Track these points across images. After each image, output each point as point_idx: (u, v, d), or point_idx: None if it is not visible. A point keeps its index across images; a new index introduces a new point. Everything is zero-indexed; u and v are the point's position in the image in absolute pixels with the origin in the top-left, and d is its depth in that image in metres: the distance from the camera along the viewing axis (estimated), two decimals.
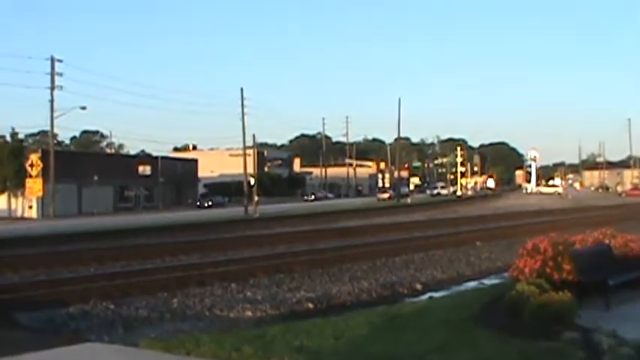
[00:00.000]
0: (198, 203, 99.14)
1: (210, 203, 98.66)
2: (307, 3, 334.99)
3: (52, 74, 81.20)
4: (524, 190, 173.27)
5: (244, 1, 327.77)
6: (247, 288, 21.87)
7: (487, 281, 25.05)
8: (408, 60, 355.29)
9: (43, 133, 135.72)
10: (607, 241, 18.00)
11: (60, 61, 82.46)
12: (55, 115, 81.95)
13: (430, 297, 21.21)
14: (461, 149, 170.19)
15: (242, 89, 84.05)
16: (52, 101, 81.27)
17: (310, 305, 19.75)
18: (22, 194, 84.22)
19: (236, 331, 14.15)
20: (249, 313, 18.48)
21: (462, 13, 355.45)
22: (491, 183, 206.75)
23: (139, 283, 21.30)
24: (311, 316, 17.77)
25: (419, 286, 23.72)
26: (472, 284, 24.66)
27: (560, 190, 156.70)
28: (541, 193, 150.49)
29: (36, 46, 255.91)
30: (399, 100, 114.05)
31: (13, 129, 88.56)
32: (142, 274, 23.58)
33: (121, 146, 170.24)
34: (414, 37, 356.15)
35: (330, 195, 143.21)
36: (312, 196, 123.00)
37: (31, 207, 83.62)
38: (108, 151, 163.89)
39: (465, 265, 28.89)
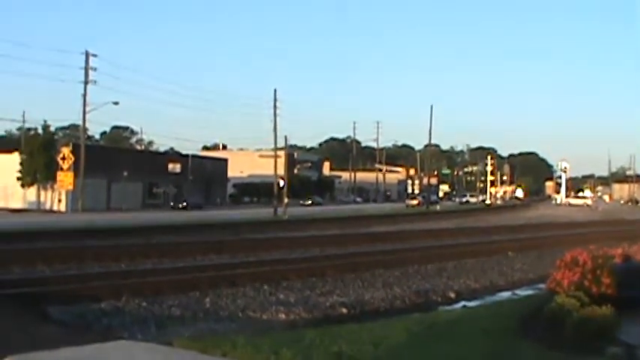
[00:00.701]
0: (172, 203, 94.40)
1: (185, 204, 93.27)
2: (342, 6, 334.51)
3: (86, 68, 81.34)
4: (553, 201, 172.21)
5: (278, 2, 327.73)
6: (280, 290, 21.64)
7: (520, 292, 24.76)
8: (441, 67, 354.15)
9: (73, 126, 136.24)
10: None
11: (94, 55, 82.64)
12: (87, 109, 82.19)
13: (464, 306, 20.97)
14: (491, 158, 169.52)
15: (275, 90, 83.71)
16: (84, 95, 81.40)
17: (344, 310, 19.53)
18: (52, 187, 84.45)
19: (272, 334, 13.97)
20: (283, 316, 18.28)
21: (494, 22, 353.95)
22: (519, 193, 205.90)
23: (170, 281, 21.12)
24: (345, 321, 17.49)
25: (452, 295, 23.47)
26: (505, 294, 24.44)
27: (589, 202, 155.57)
28: (570, 205, 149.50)
29: (71, 40, 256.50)
30: (431, 107, 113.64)
31: (45, 121, 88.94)
32: (174, 272, 23.40)
33: (150, 143, 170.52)
34: (447, 45, 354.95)
35: (358, 199, 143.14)
36: (309, 201, 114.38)
37: (60, 200, 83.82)
38: (137, 147, 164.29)
39: (498, 275, 28.58)
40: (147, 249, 31.53)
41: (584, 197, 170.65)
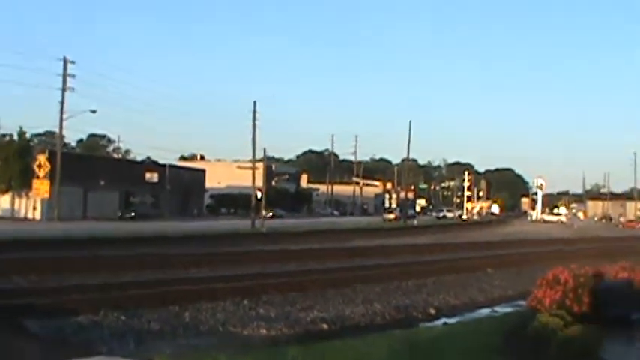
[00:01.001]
0: (120, 214, 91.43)
1: (133, 214, 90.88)
2: (321, 19, 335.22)
3: (64, 75, 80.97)
4: (528, 218, 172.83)
5: (257, 14, 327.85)
6: (260, 305, 21.45)
7: (500, 309, 24.72)
8: (420, 81, 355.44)
9: (49, 133, 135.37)
10: (627, 275, 17.72)
11: (72, 62, 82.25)
12: (64, 117, 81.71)
13: (445, 323, 20.88)
14: (468, 174, 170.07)
15: (254, 102, 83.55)
16: (62, 102, 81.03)
17: (325, 326, 19.39)
18: (27, 195, 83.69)
19: (254, 351, 13.84)
20: (264, 331, 18.12)
21: (473, 39, 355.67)
22: (495, 209, 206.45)
23: (150, 295, 20.89)
24: (326, 336, 17.41)
25: (432, 311, 23.38)
26: (485, 311, 24.42)
27: (563, 219, 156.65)
28: (544, 222, 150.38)
29: (47, 46, 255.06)
30: (410, 122, 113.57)
31: (20, 128, 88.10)
32: (153, 285, 23.18)
33: (127, 152, 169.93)
34: (426, 60, 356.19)
35: (335, 213, 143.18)
36: (270, 214, 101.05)
37: (35, 208, 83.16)
38: (114, 156, 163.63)
39: (477, 292, 28.51)
40: (126, 260, 31.30)
41: (558, 214, 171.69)
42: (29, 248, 36.06)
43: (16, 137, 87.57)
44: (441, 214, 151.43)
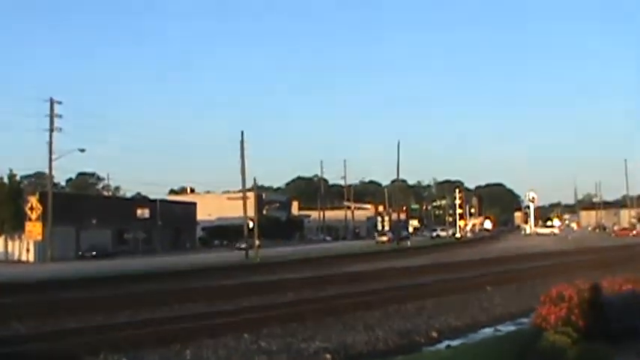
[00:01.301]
0: (80, 253, 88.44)
1: (94, 253, 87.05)
2: (304, 42, 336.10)
3: (51, 116, 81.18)
4: (522, 232, 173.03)
5: (239, 44, 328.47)
6: (261, 338, 21.14)
7: (503, 327, 24.52)
8: (405, 101, 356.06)
9: (38, 174, 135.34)
10: (632, 287, 17.59)
11: (59, 102, 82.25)
12: (53, 157, 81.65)
13: (448, 345, 20.63)
14: (459, 191, 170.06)
15: (242, 132, 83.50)
16: (50, 143, 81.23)
17: (328, 356, 19.13)
18: (19, 237, 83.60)
19: None
20: None
21: (458, 55, 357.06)
22: (488, 224, 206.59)
23: (149, 334, 20.58)
24: None
25: (435, 334, 23.11)
26: (488, 331, 24.18)
27: (555, 230, 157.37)
28: (538, 234, 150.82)
29: (28, 87, 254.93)
30: (398, 143, 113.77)
31: (11, 171, 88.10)
32: (152, 324, 22.86)
33: (117, 189, 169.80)
34: (410, 79, 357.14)
35: (328, 238, 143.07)
36: (242, 245, 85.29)
37: (28, 250, 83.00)
38: (105, 193, 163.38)
39: (479, 311, 28.26)
40: (121, 300, 31.02)
41: (551, 226, 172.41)
42: (24, 292, 35.69)
43: (6, 180, 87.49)
44: (435, 234, 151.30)
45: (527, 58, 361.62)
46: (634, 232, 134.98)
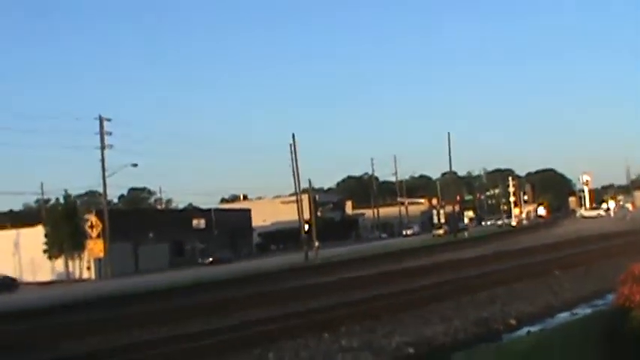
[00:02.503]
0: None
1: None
2: (347, 43, 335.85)
3: (102, 133, 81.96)
4: (578, 215, 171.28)
5: (282, 46, 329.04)
6: (340, 337, 21.13)
7: (579, 310, 24.34)
8: (451, 93, 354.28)
9: (90, 193, 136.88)
10: None
11: (108, 120, 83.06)
12: (106, 174, 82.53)
13: (528, 331, 20.45)
14: (512, 179, 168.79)
15: (293, 135, 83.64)
16: (102, 160, 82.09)
17: (411, 350, 19.07)
18: (79, 256, 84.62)
19: None
20: None
21: (501, 46, 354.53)
22: (542, 211, 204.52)
23: (227, 341, 20.61)
24: None
25: (513, 321, 22.96)
26: (564, 315, 24.02)
27: (602, 212, 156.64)
28: (583, 217, 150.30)
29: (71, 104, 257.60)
30: (449, 134, 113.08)
31: (66, 191, 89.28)
32: (227, 332, 22.83)
33: (169, 201, 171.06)
34: (456, 71, 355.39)
35: (384, 235, 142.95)
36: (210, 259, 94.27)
37: (89, 268, 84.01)
38: (158, 207, 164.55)
39: (551, 296, 28.04)
40: (192, 310, 31.17)
41: (598, 208, 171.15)
42: (94, 308, 36.04)
43: (62, 200, 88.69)
44: (500, 222, 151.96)
45: (578, 41, 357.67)
46: None
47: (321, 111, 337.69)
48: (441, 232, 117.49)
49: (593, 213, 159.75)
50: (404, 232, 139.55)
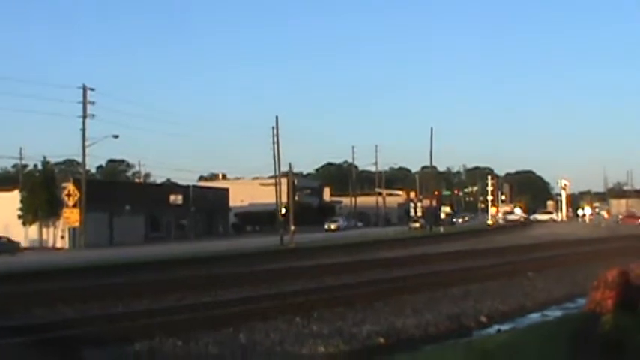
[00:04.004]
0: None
1: None
2: (331, 29, 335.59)
3: (84, 103, 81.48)
4: (531, 218, 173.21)
5: (265, 29, 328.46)
6: (312, 322, 21.13)
7: (550, 312, 24.48)
8: (436, 88, 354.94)
9: (68, 162, 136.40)
10: None
11: (92, 89, 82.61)
12: (86, 144, 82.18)
13: (498, 330, 20.56)
14: (491, 178, 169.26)
15: (277, 118, 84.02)
16: (83, 130, 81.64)
17: (382, 339, 19.09)
18: (54, 224, 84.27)
19: None
20: (322, 349, 17.79)
21: (488, 45, 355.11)
22: (518, 212, 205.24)
23: (200, 318, 20.57)
24: (386, 351, 17.21)
25: (484, 319, 23.01)
26: (535, 316, 24.13)
27: (554, 216, 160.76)
28: (537, 220, 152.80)
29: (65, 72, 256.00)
30: (431, 129, 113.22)
31: (44, 158, 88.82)
32: (201, 309, 22.81)
33: (147, 175, 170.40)
34: (440, 66, 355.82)
35: (359, 224, 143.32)
36: None
37: (63, 237, 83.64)
38: (136, 180, 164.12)
39: (523, 296, 28.08)
40: (166, 284, 31.16)
41: (549, 213, 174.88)
42: (67, 277, 35.74)
43: (40, 167, 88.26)
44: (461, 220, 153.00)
45: (564, 46, 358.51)
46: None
47: (304, 97, 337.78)
48: (417, 225, 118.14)
49: (545, 217, 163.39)
50: (326, 226, 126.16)
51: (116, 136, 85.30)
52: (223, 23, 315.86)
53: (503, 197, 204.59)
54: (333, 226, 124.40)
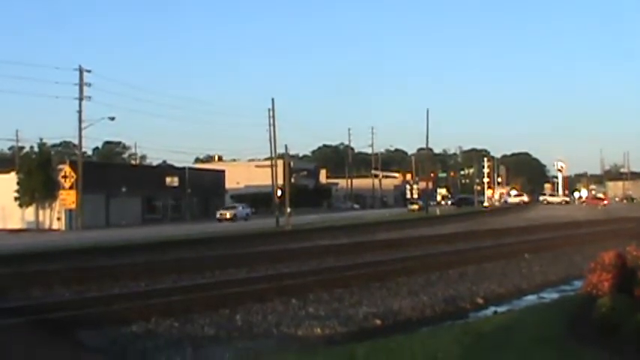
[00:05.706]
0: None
1: None
2: (332, 15, 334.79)
3: (81, 85, 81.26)
4: (502, 201, 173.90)
5: (266, 14, 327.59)
6: (308, 304, 21.13)
7: (546, 295, 24.57)
8: (431, 70, 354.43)
9: (65, 143, 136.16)
10: None
11: (88, 71, 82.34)
12: (82, 126, 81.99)
13: (495, 312, 20.64)
14: (487, 160, 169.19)
15: (273, 100, 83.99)
16: (80, 112, 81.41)
17: (378, 322, 19.08)
18: (50, 205, 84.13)
19: (321, 351, 13.59)
20: (318, 330, 17.77)
21: (483, 26, 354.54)
22: (514, 194, 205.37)
23: (197, 300, 20.50)
24: (382, 333, 17.20)
25: (480, 301, 23.02)
26: (532, 298, 24.25)
27: (525, 198, 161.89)
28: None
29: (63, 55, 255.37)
30: (427, 111, 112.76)
31: (41, 140, 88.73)
32: (198, 290, 22.71)
33: (143, 157, 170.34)
34: (437, 48, 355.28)
35: (356, 206, 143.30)
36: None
37: (59, 219, 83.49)
38: (132, 162, 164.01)
39: (520, 278, 28.08)
40: (163, 266, 31.17)
41: (520, 195, 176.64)
42: (63, 258, 35.67)
43: (36, 149, 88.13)
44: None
45: (555, 29, 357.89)
46: (604, 202, 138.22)
47: (300, 79, 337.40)
48: (415, 207, 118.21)
49: (516, 200, 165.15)
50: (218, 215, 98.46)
51: (112, 118, 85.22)
52: (220, 7, 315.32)
53: (499, 179, 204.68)
54: (228, 215, 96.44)
